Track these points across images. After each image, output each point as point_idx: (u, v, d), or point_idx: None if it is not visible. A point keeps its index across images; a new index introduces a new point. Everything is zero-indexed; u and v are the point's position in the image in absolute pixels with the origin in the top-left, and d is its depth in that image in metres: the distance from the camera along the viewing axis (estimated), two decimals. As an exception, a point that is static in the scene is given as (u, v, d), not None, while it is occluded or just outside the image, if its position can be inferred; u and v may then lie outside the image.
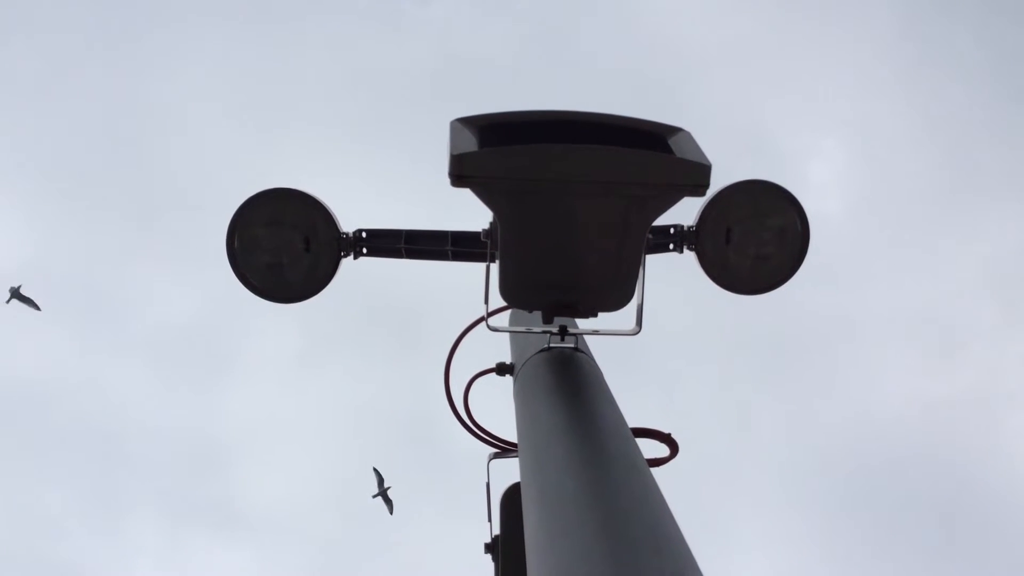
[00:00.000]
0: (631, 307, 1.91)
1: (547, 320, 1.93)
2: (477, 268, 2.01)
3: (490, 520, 2.25)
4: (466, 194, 1.59)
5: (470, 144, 1.55)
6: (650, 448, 2.09)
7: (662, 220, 1.74)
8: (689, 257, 2.09)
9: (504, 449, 2.27)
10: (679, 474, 2.08)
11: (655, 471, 1.60)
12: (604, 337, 2.03)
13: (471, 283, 2.05)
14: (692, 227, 2.06)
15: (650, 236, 1.87)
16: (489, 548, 2.25)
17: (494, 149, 1.55)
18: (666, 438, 2.12)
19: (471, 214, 1.84)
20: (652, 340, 2.10)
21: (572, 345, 1.95)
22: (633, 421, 1.71)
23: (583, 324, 2.03)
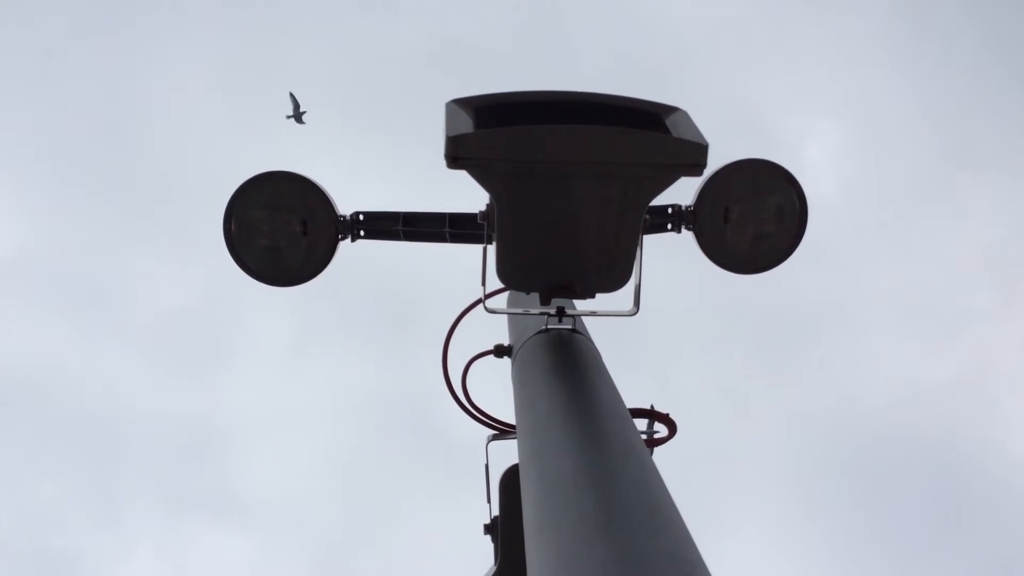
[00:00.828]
0: (629, 288, 1.91)
1: (545, 301, 1.92)
2: (475, 250, 2.01)
3: (489, 501, 2.26)
4: (463, 176, 1.59)
5: (466, 125, 1.55)
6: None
7: (660, 200, 1.74)
8: (687, 237, 2.09)
9: (502, 431, 2.27)
10: (678, 454, 2.09)
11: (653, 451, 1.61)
12: (602, 318, 2.02)
13: (469, 265, 2.05)
14: (690, 207, 2.06)
15: (647, 216, 1.86)
16: (488, 529, 2.26)
17: (490, 130, 1.54)
18: (664, 418, 2.12)
19: (468, 196, 1.84)
20: (650, 321, 2.10)
21: (570, 326, 1.95)
22: (631, 402, 1.71)
23: (581, 305, 2.03)
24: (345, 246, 2.11)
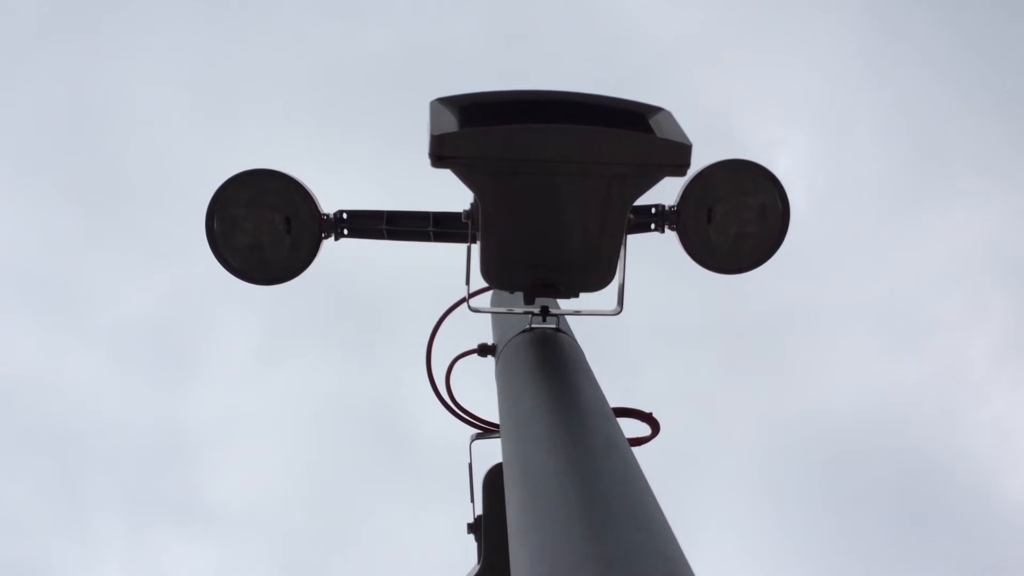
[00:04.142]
0: (612, 287, 1.91)
1: (529, 301, 1.93)
2: (459, 249, 2.01)
3: (473, 500, 2.26)
4: (447, 174, 1.58)
5: (451, 124, 1.54)
6: (631, 427, 2.10)
7: (643, 199, 1.74)
8: (671, 237, 2.10)
9: (486, 430, 2.27)
10: (660, 453, 2.09)
11: (636, 450, 1.61)
12: (586, 317, 2.03)
13: (453, 264, 2.05)
14: (673, 207, 2.07)
15: (631, 216, 1.87)
16: (472, 528, 2.26)
17: (475, 129, 1.54)
18: (647, 417, 2.13)
19: (452, 195, 1.83)
20: (633, 320, 2.10)
21: (554, 325, 1.95)
22: (614, 401, 1.71)
23: (565, 304, 2.03)
24: (328, 244, 2.11)
